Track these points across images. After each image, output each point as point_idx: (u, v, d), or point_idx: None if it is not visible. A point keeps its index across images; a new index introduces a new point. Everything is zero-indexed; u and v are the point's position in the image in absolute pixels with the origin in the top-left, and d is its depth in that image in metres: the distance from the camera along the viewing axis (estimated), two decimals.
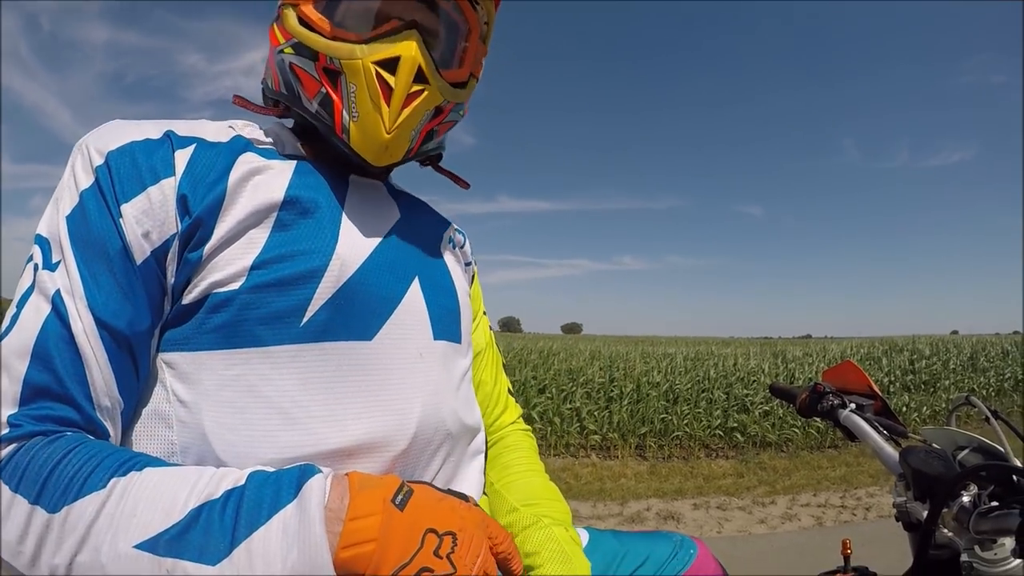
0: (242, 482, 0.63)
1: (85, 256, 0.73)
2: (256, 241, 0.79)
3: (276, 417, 0.76)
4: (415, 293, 0.93)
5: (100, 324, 0.71)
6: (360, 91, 0.87)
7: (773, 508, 5.60)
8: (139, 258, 0.75)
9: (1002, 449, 0.86)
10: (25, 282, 0.73)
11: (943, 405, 9.87)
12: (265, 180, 0.83)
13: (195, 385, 0.76)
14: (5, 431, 0.65)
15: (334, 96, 0.89)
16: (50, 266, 0.73)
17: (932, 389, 10.96)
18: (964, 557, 0.78)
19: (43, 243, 0.75)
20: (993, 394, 11.34)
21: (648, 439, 8.18)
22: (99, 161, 0.77)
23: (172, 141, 0.81)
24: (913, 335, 17.78)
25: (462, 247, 1.20)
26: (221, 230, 0.78)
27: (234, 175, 0.81)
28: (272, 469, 0.67)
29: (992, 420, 0.91)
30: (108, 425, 0.72)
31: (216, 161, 0.82)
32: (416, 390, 0.86)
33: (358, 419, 0.79)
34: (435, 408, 0.88)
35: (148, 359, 0.78)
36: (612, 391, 9.21)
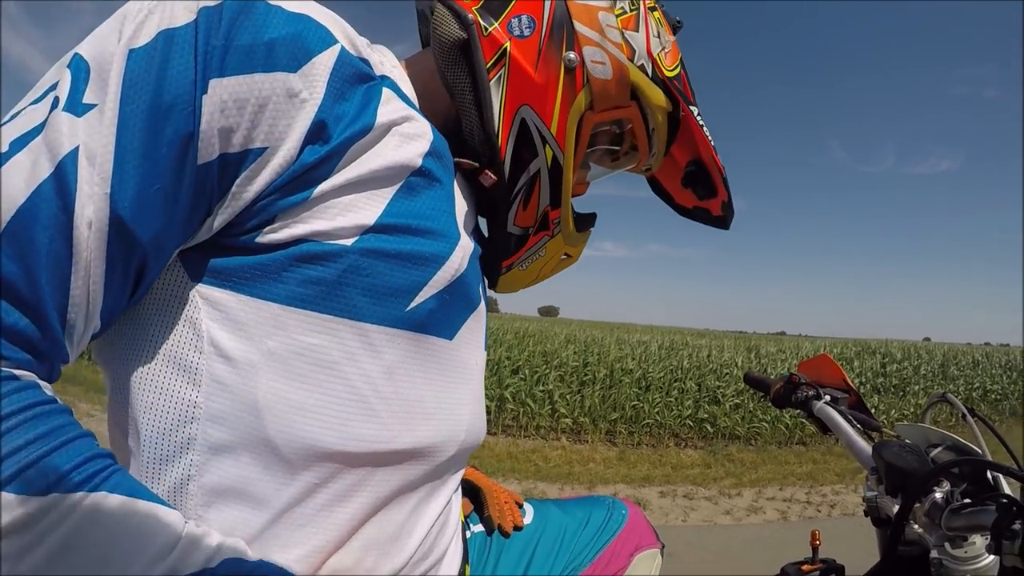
0: (212, 566, 0.51)
1: (134, 119, 0.52)
2: (379, 198, 0.66)
3: (355, 404, 0.65)
4: (481, 298, 0.85)
5: (115, 225, 0.52)
6: (539, 262, 0.96)
7: (739, 500, 5.66)
8: (203, 156, 0.55)
9: (977, 448, 0.85)
10: (34, 117, 0.52)
11: (912, 409, 10.06)
12: (408, 133, 0.69)
13: (254, 342, 0.61)
14: None
15: (531, 239, 0.92)
16: (77, 107, 0.52)
17: (902, 393, 11.16)
18: (934, 554, 0.77)
19: (80, 68, 0.54)
20: (962, 402, 11.56)
21: (619, 425, 8.23)
22: (212, 0, 0.56)
23: (311, 30, 0.61)
24: (886, 339, 18.10)
25: None
26: (349, 173, 0.63)
27: (383, 114, 0.66)
28: (251, 557, 0.56)
29: (968, 418, 0.90)
30: (69, 350, 0.54)
31: (357, 83, 0.65)
32: (469, 397, 0.80)
33: (427, 420, 0.72)
34: (478, 417, 0.83)
35: (152, 280, 0.60)
36: (585, 375, 9.26)
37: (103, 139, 0.51)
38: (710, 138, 0.93)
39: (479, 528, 1.07)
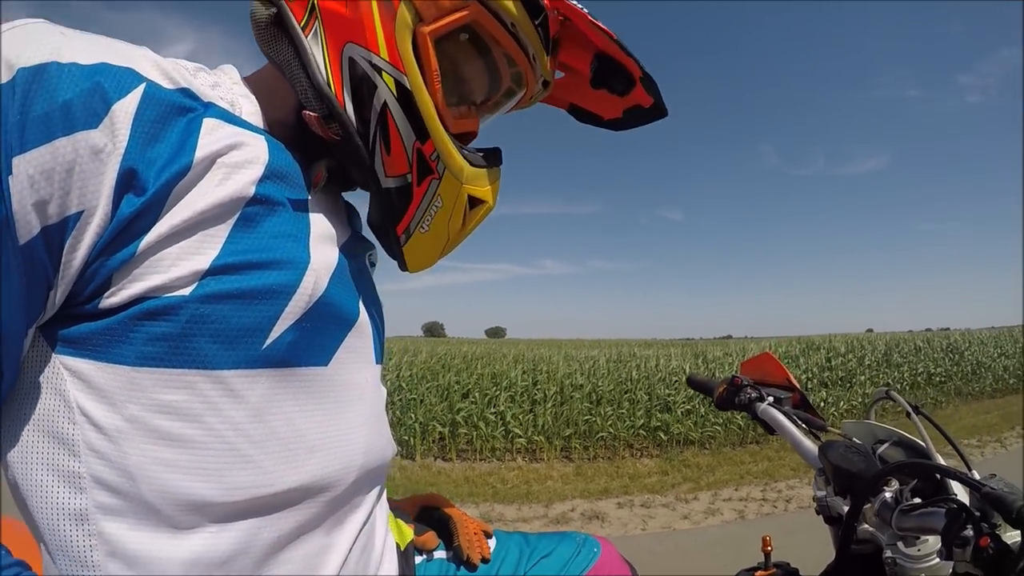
0: None
1: None
2: (213, 239, 0.62)
3: (225, 453, 0.63)
4: (363, 312, 0.81)
5: None
6: (443, 212, 0.82)
7: (696, 504, 5.71)
8: (24, 236, 0.53)
9: (923, 444, 0.85)
10: None
11: (859, 400, 10.36)
12: (235, 162, 0.64)
13: (117, 407, 0.59)
14: None
15: (415, 191, 0.79)
16: None
17: (848, 385, 11.43)
18: (887, 553, 0.76)
19: None
20: (907, 388, 12.04)
21: (573, 441, 8.25)
22: (6, 76, 0.53)
23: (109, 77, 0.57)
24: (829, 334, 18.49)
25: (373, 268, 1.06)
26: (173, 219, 0.59)
27: (204, 146, 0.61)
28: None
29: (913, 415, 0.90)
30: None
31: (172, 119, 0.60)
32: (362, 418, 0.77)
33: (312, 454, 0.69)
34: (377, 436, 0.80)
35: (15, 363, 0.58)
36: (536, 394, 9.22)
37: None
38: (598, 21, 0.82)
39: (441, 555, 1.04)
